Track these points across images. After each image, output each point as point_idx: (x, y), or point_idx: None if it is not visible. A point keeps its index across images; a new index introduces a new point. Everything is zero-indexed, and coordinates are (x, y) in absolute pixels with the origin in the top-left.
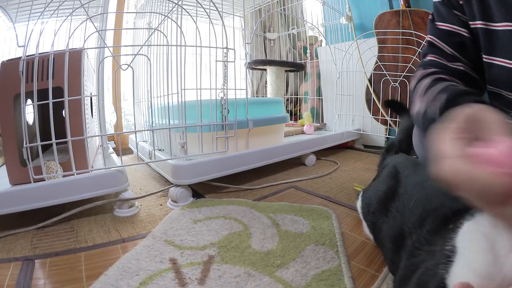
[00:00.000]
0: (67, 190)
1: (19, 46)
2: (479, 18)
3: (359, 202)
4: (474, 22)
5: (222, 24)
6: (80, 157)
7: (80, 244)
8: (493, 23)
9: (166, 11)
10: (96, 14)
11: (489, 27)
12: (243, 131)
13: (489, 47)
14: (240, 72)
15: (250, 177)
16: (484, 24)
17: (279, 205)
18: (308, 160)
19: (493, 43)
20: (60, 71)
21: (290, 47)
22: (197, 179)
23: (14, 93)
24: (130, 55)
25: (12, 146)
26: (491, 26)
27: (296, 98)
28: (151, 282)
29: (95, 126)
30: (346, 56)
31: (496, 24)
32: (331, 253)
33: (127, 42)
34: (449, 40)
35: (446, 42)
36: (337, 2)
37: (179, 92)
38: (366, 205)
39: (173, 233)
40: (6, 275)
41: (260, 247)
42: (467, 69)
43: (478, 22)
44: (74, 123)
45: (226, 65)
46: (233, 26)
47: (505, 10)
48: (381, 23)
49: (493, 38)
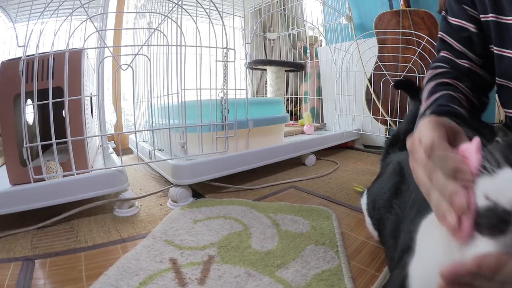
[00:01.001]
0: (67, 190)
1: (19, 46)
2: (490, 11)
3: (363, 199)
4: (486, 15)
5: (222, 24)
6: (80, 157)
7: (80, 244)
8: (504, 16)
9: (166, 11)
10: (96, 14)
11: (500, 20)
12: (243, 131)
13: (500, 40)
14: (240, 72)
15: (250, 177)
16: (496, 17)
17: (279, 205)
18: (308, 160)
19: (504, 35)
20: (60, 71)
21: (290, 47)
22: (197, 179)
23: (14, 93)
24: (130, 55)
25: (12, 146)
26: (502, 19)
27: (296, 98)
28: (151, 282)
29: (95, 126)
30: (346, 56)
31: (507, 18)
32: (331, 253)
33: (127, 42)
34: (458, 36)
35: (455, 37)
36: (337, 2)
37: (179, 92)
38: (372, 201)
39: (173, 233)
40: (6, 275)
41: (260, 247)
42: (472, 66)
43: (489, 15)
44: (74, 123)
45: (226, 65)
46: (233, 26)
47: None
48: (381, 23)
49: (504, 30)
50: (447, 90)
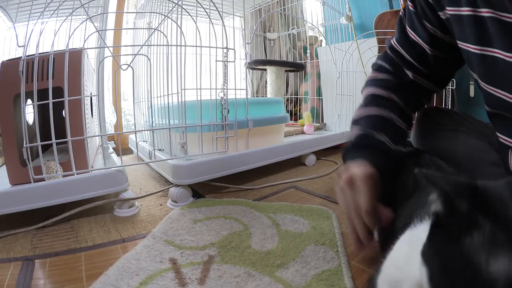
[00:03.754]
0: (67, 190)
1: (19, 46)
2: (473, 42)
3: None
4: (465, 44)
5: (222, 24)
6: (80, 157)
7: (80, 244)
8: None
9: (166, 11)
10: (96, 14)
11: (486, 53)
12: (243, 131)
13: (488, 76)
14: (240, 72)
15: (250, 177)
16: (480, 49)
17: (279, 205)
18: (308, 160)
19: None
20: (60, 71)
21: (290, 47)
22: (197, 179)
23: (14, 93)
24: (130, 55)
25: (12, 146)
26: (488, 52)
27: (296, 98)
28: (151, 282)
29: (95, 126)
30: (346, 56)
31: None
32: (331, 253)
33: (127, 42)
34: (413, 51)
35: (409, 51)
36: (337, 2)
37: (179, 92)
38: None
39: (173, 233)
40: (6, 275)
41: (260, 247)
42: (417, 78)
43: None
44: (74, 123)
45: (226, 65)
46: (233, 26)
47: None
48: (381, 23)
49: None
50: (380, 107)
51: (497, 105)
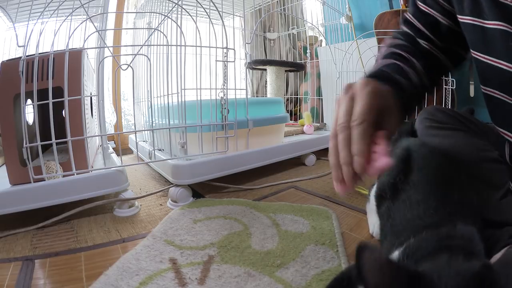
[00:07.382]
0: (67, 190)
1: (19, 46)
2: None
3: (372, 191)
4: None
5: (222, 24)
6: (80, 157)
7: (80, 244)
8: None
9: (166, 11)
10: (96, 14)
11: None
12: (243, 131)
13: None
14: (240, 72)
15: (250, 177)
16: (474, 19)
17: (279, 205)
18: (308, 160)
19: (482, 40)
20: (60, 71)
21: (290, 47)
22: (197, 179)
23: (14, 93)
24: (130, 55)
25: (12, 146)
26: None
27: (296, 98)
28: (151, 282)
29: (95, 126)
30: (346, 56)
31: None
32: (331, 253)
33: (127, 42)
34: (425, 19)
35: (421, 21)
36: (337, 2)
37: (179, 92)
38: (380, 190)
39: (173, 233)
40: (6, 275)
41: (260, 247)
42: (433, 49)
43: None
44: (74, 123)
45: (226, 65)
46: (233, 26)
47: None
48: (381, 23)
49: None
50: (397, 61)
51: (490, 76)
